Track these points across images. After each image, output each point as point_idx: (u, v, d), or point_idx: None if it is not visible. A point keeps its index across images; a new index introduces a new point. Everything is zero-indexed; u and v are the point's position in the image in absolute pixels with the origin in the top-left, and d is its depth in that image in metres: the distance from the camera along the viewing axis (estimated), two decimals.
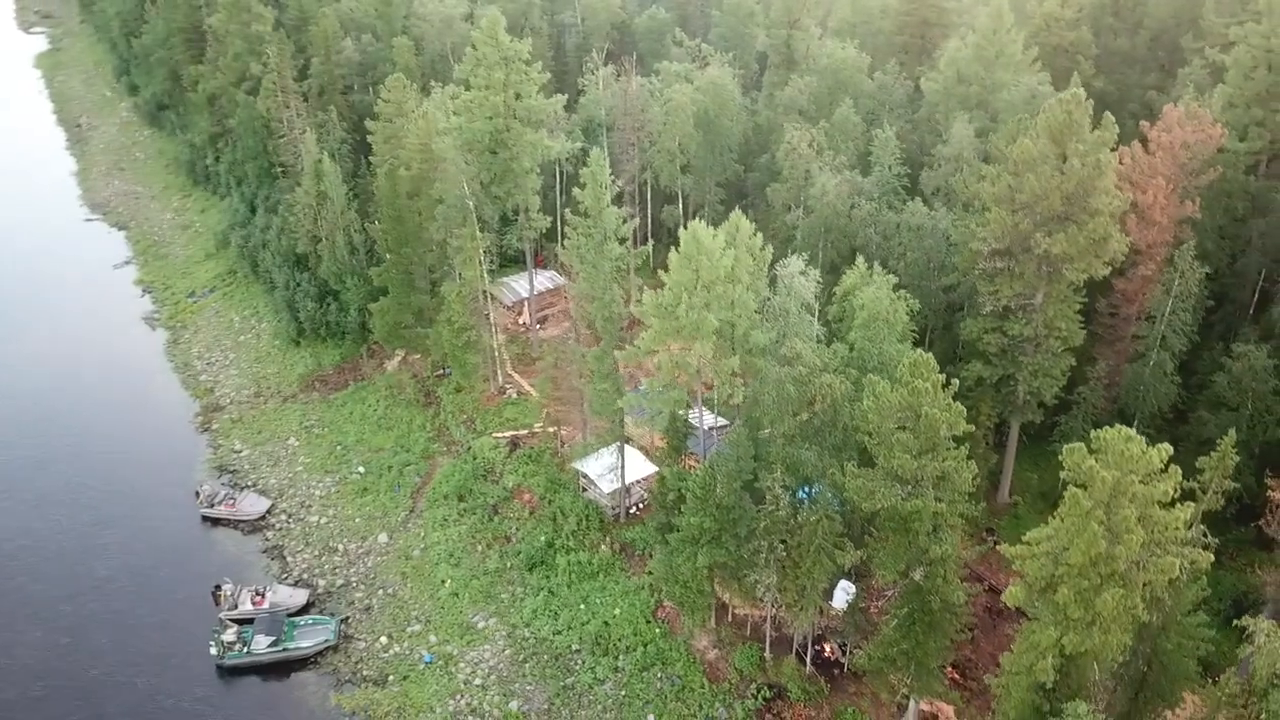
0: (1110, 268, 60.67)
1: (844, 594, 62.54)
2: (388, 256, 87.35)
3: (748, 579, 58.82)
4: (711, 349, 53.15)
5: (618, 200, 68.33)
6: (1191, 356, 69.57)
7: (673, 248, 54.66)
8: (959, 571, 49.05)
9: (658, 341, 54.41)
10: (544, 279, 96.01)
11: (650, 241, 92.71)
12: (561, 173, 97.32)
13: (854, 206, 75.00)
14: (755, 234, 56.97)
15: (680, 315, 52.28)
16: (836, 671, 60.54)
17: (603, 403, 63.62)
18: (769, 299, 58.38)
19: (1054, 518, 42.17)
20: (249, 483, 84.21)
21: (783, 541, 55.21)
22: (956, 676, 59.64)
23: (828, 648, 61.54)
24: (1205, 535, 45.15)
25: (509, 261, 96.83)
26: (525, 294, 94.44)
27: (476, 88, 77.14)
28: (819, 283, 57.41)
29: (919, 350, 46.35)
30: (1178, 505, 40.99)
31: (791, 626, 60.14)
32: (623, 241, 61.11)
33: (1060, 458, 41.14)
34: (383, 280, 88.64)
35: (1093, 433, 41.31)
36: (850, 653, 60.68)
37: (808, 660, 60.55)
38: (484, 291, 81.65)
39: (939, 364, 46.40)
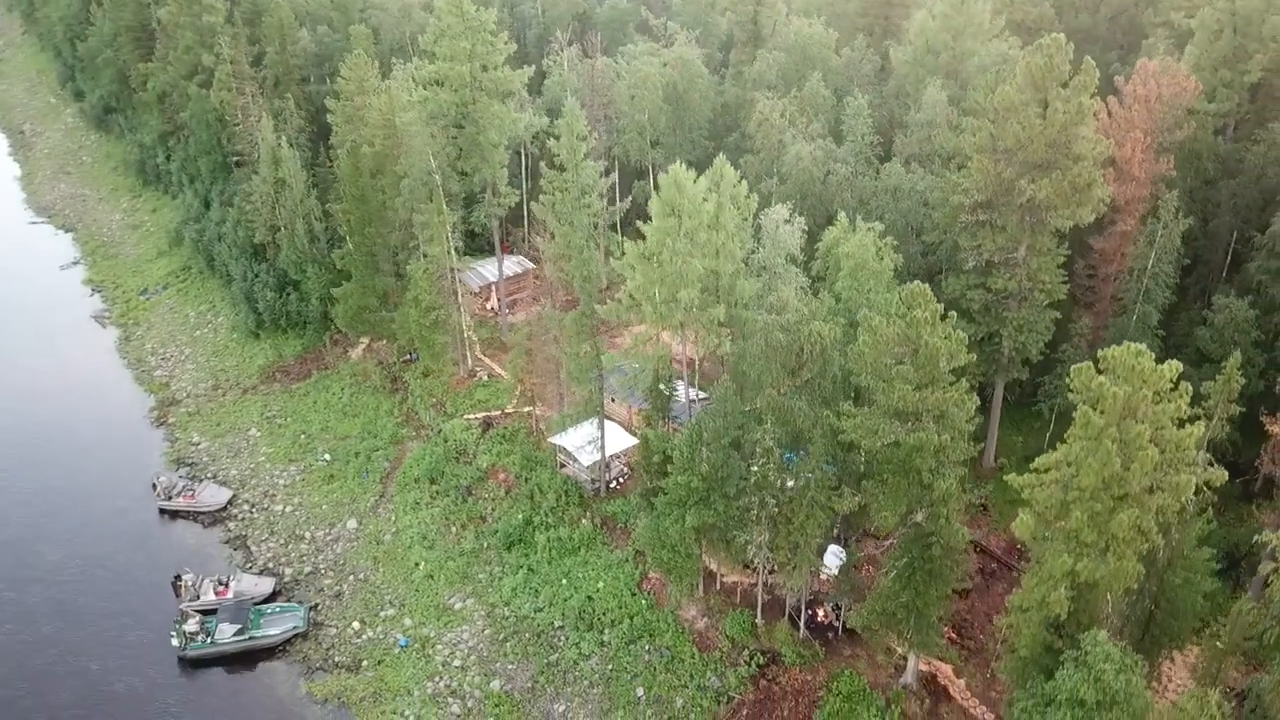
0: (1095, 215, 59.89)
1: (835, 558, 60.77)
2: (350, 240, 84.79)
3: (737, 540, 56.89)
4: (697, 296, 51.31)
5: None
6: (1169, 317, 69.21)
7: (654, 192, 52.91)
8: (960, 513, 47.47)
9: (643, 292, 52.50)
10: (511, 264, 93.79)
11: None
12: (527, 155, 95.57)
13: (829, 174, 73.96)
14: (740, 181, 55.43)
15: (664, 261, 50.46)
16: (831, 635, 58.67)
17: (581, 368, 61.49)
18: (754, 251, 56.80)
19: (1062, 443, 40.83)
20: (209, 475, 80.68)
21: (774, 497, 53.44)
22: (953, 635, 58.09)
23: (821, 612, 59.68)
24: (1211, 464, 44.07)
25: (473, 250, 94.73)
26: (492, 278, 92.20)
27: (441, 58, 75.13)
28: (804, 231, 55.96)
29: (916, 281, 44.92)
30: (1187, 426, 39.81)
31: (784, 589, 58.24)
32: (601, 198, 59.25)
33: (1046, 416, 39.84)
34: (346, 264, 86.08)
35: (1100, 351, 40.08)
36: (844, 616, 58.89)
37: (801, 625, 58.59)
38: (452, 269, 79.24)
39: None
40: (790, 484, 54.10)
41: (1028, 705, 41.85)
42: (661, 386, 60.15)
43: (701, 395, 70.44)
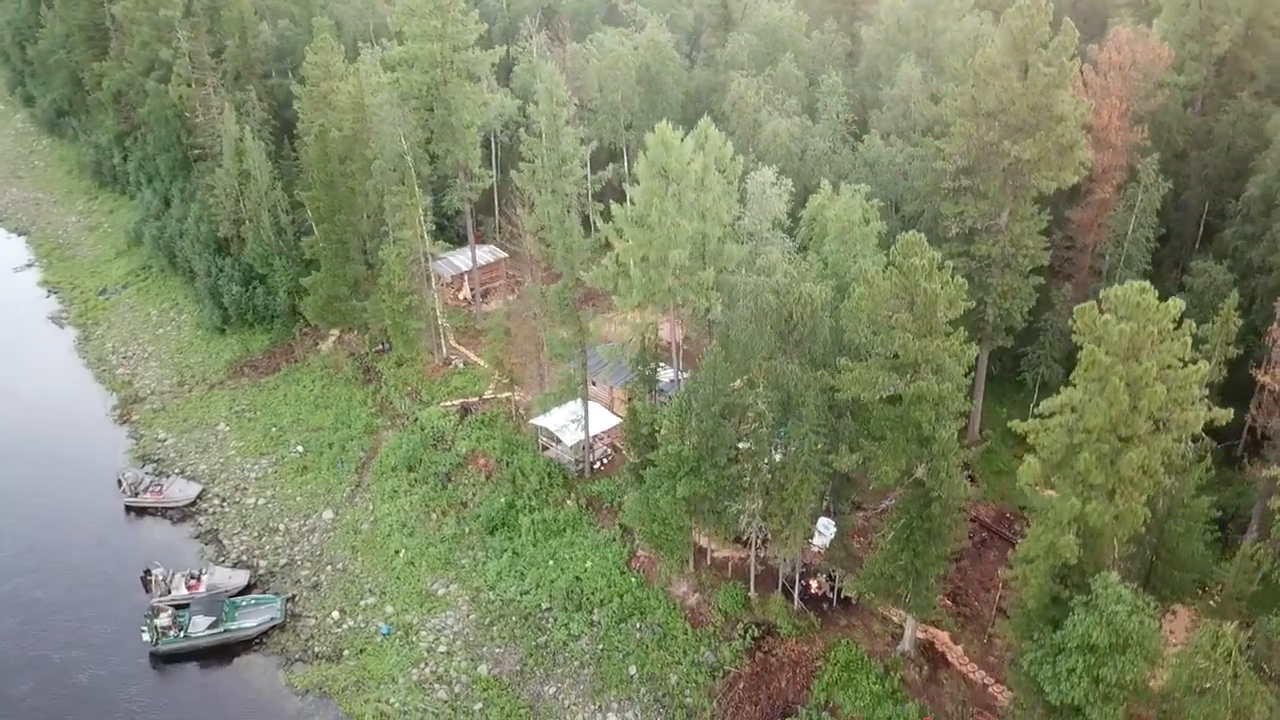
0: (1077, 177, 59.89)
1: (824, 532, 59.92)
2: (319, 228, 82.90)
3: (729, 511, 55.88)
4: (688, 257, 50.31)
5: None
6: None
7: (640, 153, 51.93)
8: (959, 468, 46.80)
9: (631, 255, 51.38)
10: (483, 253, 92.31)
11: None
12: (497, 143, 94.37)
13: (806, 150, 73.55)
14: (725, 143, 54.62)
15: (653, 223, 49.42)
16: (826, 606, 57.73)
17: (565, 343, 60.20)
18: (740, 217, 55.98)
19: (1068, 385, 40.34)
20: (176, 470, 78.21)
21: (767, 463, 52.50)
22: (948, 603, 57.41)
23: (814, 584, 58.73)
24: (1209, 408, 43.72)
25: (444, 240, 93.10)
26: (464, 268, 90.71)
27: (411, 38, 73.76)
28: (791, 192, 55.26)
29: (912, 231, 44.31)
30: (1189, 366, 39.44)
31: (778, 558, 57.29)
32: (582, 166, 58.11)
33: (1030, 386, 39.30)
34: (315, 252, 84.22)
35: (1102, 291, 39.68)
36: (838, 587, 58.05)
37: (795, 597, 57.63)
38: (425, 254, 77.65)
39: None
40: (780, 455, 53.26)
41: (1037, 656, 41.09)
42: (647, 358, 59.02)
43: (685, 376, 69.48)
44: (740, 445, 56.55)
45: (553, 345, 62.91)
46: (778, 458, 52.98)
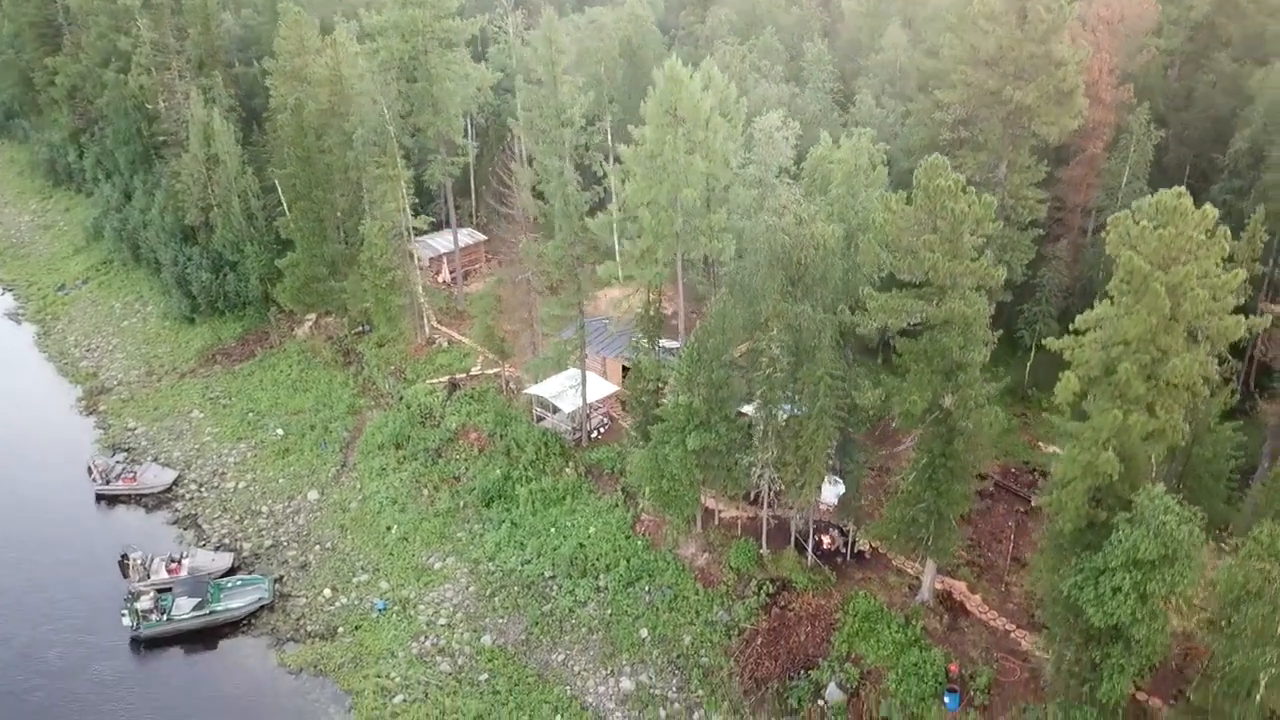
0: (1078, 122, 59.78)
1: (832, 489, 58.69)
2: (295, 207, 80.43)
3: (740, 465, 54.50)
4: (699, 196, 49.01)
5: None
6: None
7: (649, 89, 50.63)
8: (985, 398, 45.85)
9: (642, 196, 49.95)
10: (462, 236, 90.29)
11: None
12: (473, 124, 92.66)
13: (795, 115, 72.87)
14: (729, 84, 53.58)
15: (665, 161, 48.06)
16: (840, 561, 56.37)
17: (563, 303, 58.50)
18: (746, 164, 54.90)
19: (1102, 301, 39.66)
20: (149, 458, 74.91)
21: (782, 409, 51.24)
22: (963, 554, 56.29)
23: (826, 539, 57.34)
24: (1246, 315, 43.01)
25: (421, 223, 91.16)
26: (442, 249, 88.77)
27: (393, 3, 72.01)
28: (799, 136, 54.33)
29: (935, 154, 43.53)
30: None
31: (790, 511, 55.89)
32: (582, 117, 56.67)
33: (1028, 344, 38.55)
34: (290, 233, 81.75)
35: (1134, 203, 39.10)
36: (851, 541, 56.80)
37: (809, 551, 56.23)
38: (408, 228, 75.60)
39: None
40: (788, 408, 52.08)
41: (1078, 580, 40.06)
42: (651, 312, 57.49)
43: (675, 344, 68.18)
44: (745, 410, 55.41)
45: (548, 314, 61.11)
46: (788, 410, 51.84)
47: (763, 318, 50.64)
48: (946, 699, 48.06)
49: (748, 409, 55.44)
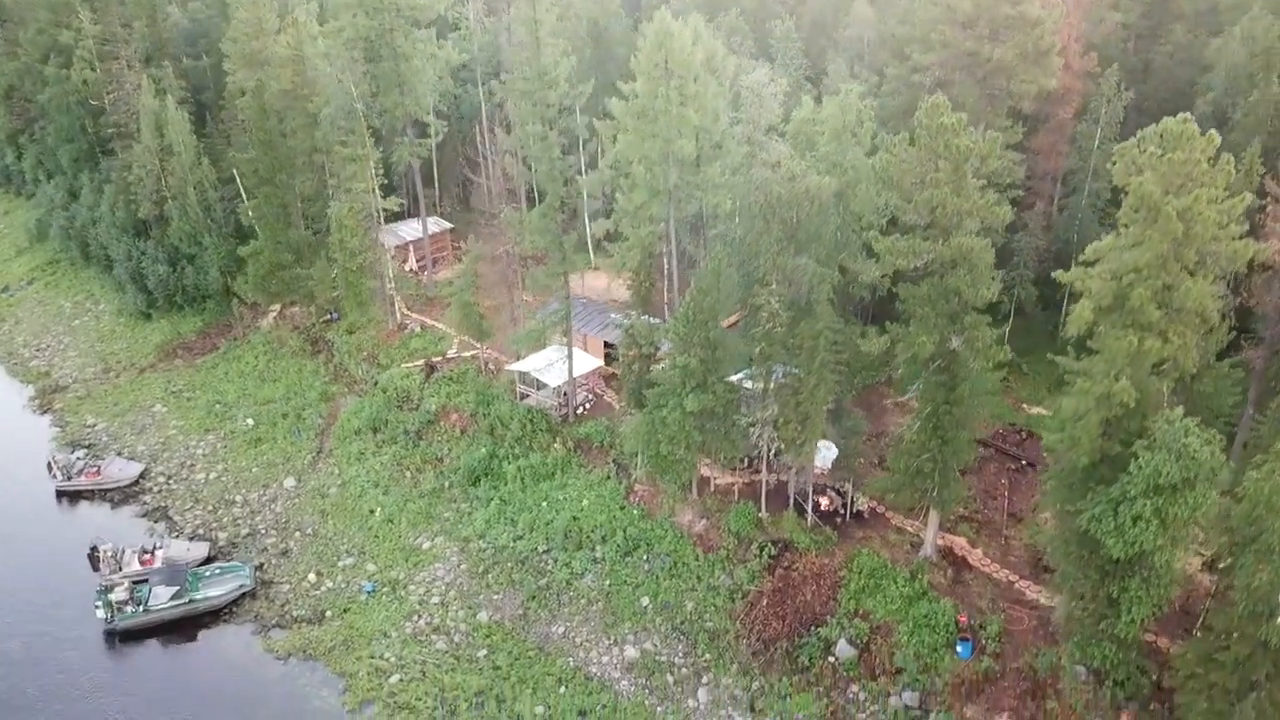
0: (1055, 81, 60.55)
1: (826, 452, 58.37)
2: (257, 192, 78.05)
3: (737, 427, 53.95)
4: (693, 149, 48.44)
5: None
6: (1110, 211, 70.50)
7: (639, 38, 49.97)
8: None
9: (634, 151, 49.21)
10: (429, 224, 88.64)
11: None
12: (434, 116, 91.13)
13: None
14: (716, 41, 53.15)
15: (659, 114, 47.39)
16: (839, 521, 56.00)
17: (549, 272, 57.45)
18: (735, 120, 54.49)
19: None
20: (112, 452, 71.97)
21: (781, 365, 50.82)
22: (961, 510, 56.30)
23: (824, 501, 56.97)
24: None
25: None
26: (409, 238, 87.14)
27: None
28: (786, 92, 54.13)
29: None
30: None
31: (789, 472, 55.37)
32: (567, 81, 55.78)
33: (1006, 309, 38.39)
34: (253, 219, 79.50)
35: (1139, 133, 39.48)
36: (849, 502, 56.50)
37: (809, 512, 55.77)
38: (377, 209, 73.91)
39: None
40: (781, 369, 51.70)
41: (1096, 512, 40.11)
42: (646, 271, 56.67)
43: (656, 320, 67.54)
44: (747, 385, 54.94)
45: (535, 283, 60.04)
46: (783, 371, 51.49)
47: (760, 273, 50.17)
48: (959, 648, 47.83)
49: (737, 378, 55.02)
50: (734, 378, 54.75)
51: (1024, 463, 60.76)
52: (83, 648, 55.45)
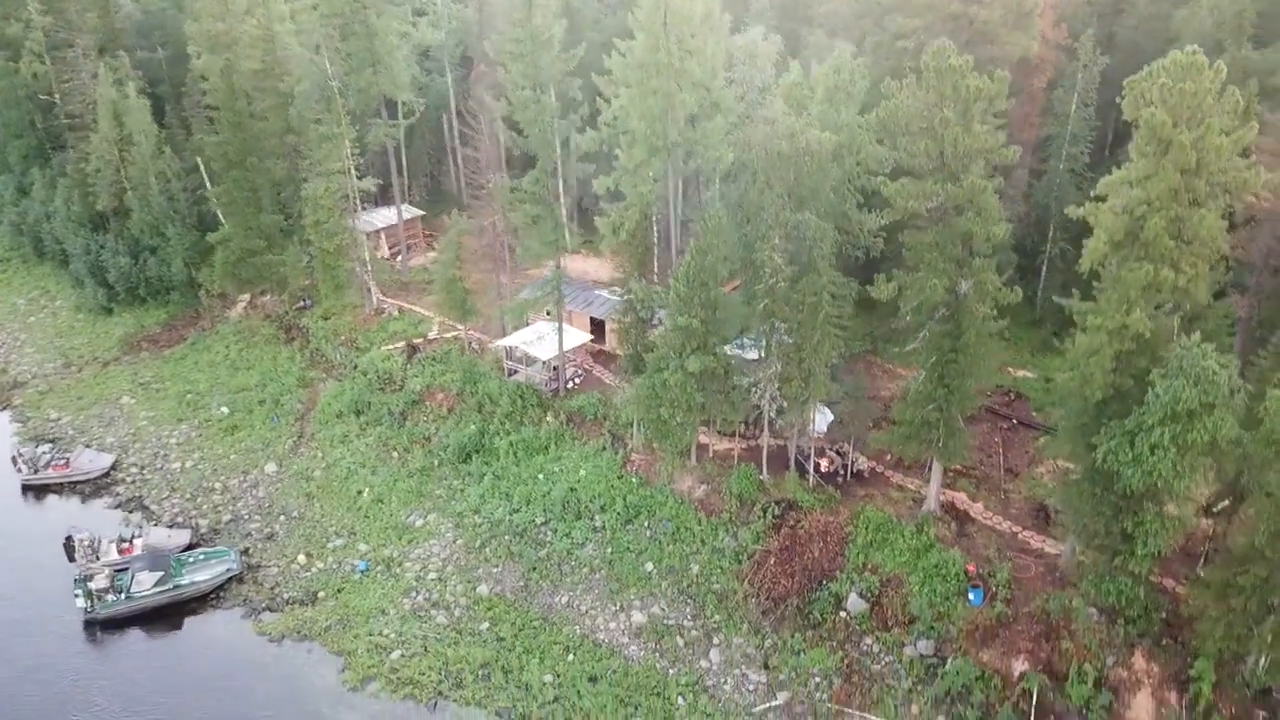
0: (1036, 43, 61.41)
1: (822, 418, 58.28)
2: (227, 176, 76.01)
3: (739, 389, 53.60)
4: (694, 103, 48.06)
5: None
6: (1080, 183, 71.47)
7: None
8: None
9: (634, 106, 48.68)
10: (394, 214, 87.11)
11: None
12: (401, 107, 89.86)
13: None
14: None
15: (660, 67, 46.92)
16: (840, 481, 55.81)
17: (542, 235, 56.55)
18: (729, 80, 54.25)
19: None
20: (80, 444, 69.29)
21: (784, 321, 50.59)
22: (959, 468, 56.48)
23: (824, 462, 56.78)
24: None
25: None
26: (380, 225, 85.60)
27: None
28: (780, 50, 54.08)
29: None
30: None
31: (793, 428, 55.02)
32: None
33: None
34: (222, 204, 77.48)
35: (1147, 66, 39.96)
36: (848, 463, 56.39)
37: (810, 473, 55.51)
38: (354, 189, 72.43)
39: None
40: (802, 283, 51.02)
41: (1111, 445, 40.36)
42: (643, 232, 56.07)
43: None
44: (750, 357, 54.68)
45: (528, 248, 59.17)
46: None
47: (763, 228, 49.95)
48: (970, 595, 47.79)
49: (729, 350, 54.72)
50: (725, 349, 54.40)
51: (1015, 421, 61.25)
52: (63, 638, 53.05)
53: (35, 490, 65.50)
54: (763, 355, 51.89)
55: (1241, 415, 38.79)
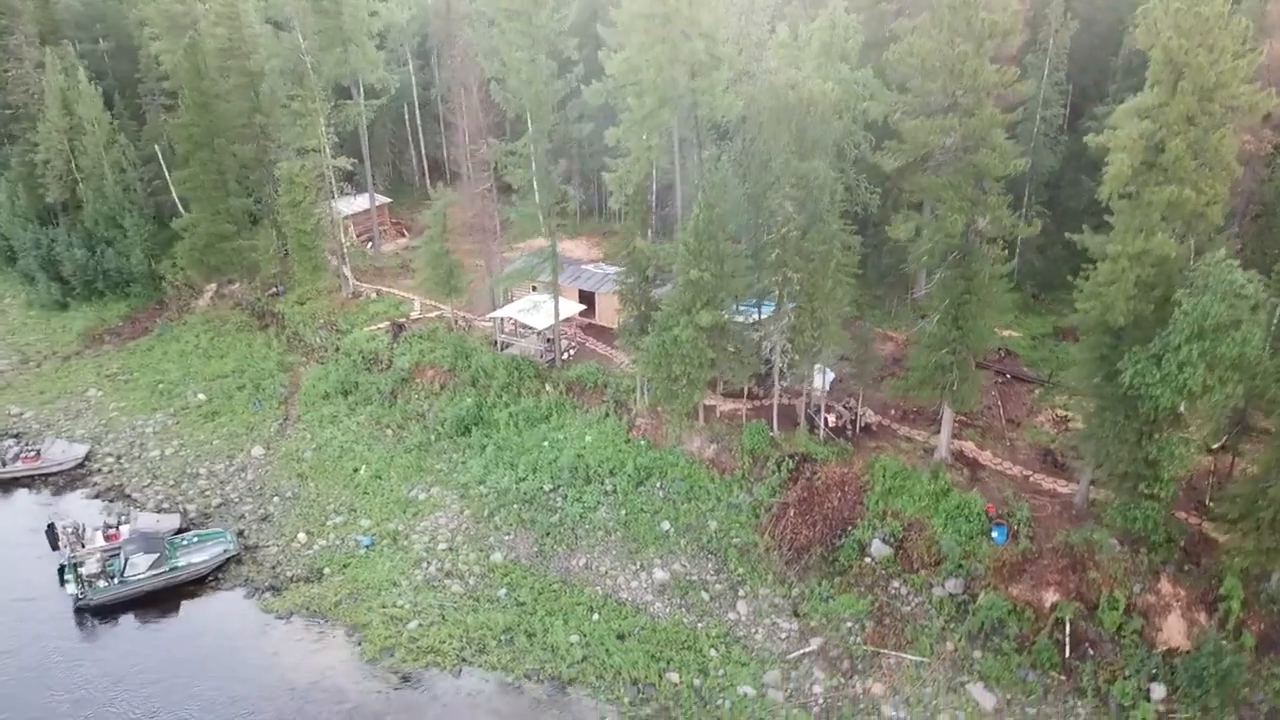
0: (1022, 5, 62.57)
1: (822, 378, 58.43)
2: (191, 159, 73.64)
3: (749, 343, 53.53)
4: (703, 50, 47.96)
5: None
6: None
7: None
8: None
9: (641, 55, 48.38)
10: (363, 201, 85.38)
11: None
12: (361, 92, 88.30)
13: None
14: None
15: (669, 14, 46.69)
16: (849, 434, 55.99)
17: (541, 192, 55.65)
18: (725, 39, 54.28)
19: (1134, 98, 41.30)
20: (50, 436, 66.15)
21: (797, 272, 50.68)
22: (964, 418, 57.15)
23: (832, 417, 56.92)
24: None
25: None
26: (348, 211, 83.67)
27: None
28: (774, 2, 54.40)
29: None
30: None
31: (804, 380, 54.99)
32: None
33: None
34: (187, 187, 74.92)
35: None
36: (855, 417, 56.67)
37: (821, 427, 55.58)
38: (328, 166, 70.70)
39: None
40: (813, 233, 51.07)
41: (1139, 368, 41.11)
42: (645, 189, 55.72)
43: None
44: (738, 320, 54.65)
45: (522, 219, 58.33)
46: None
47: (772, 178, 50.01)
48: (994, 534, 48.21)
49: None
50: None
51: (1009, 376, 62.29)
52: (56, 627, 50.25)
53: (3, 485, 62.22)
54: (776, 304, 51.80)
55: (1267, 330, 39.94)
